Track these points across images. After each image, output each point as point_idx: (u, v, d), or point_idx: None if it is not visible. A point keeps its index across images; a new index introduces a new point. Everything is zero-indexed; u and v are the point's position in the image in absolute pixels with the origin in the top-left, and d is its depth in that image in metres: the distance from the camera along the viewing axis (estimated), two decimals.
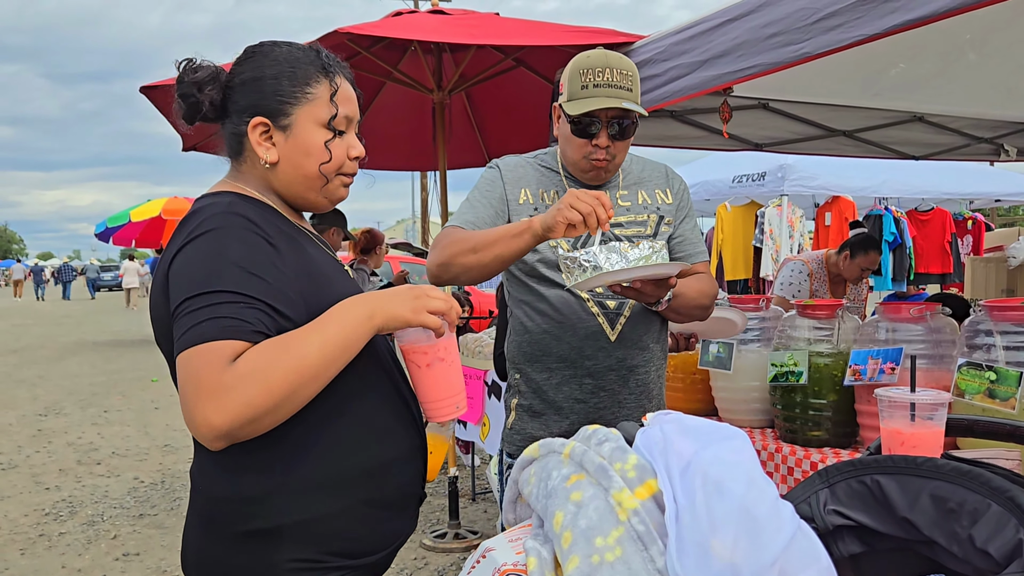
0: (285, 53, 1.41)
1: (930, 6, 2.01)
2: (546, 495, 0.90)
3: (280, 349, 1.20)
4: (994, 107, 4.84)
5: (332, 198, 1.47)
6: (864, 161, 6.24)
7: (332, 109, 1.41)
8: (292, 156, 1.40)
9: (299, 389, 1.20)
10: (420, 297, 1.32)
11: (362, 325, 1.28)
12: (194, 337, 1.17)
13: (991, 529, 1.03)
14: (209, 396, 1.14)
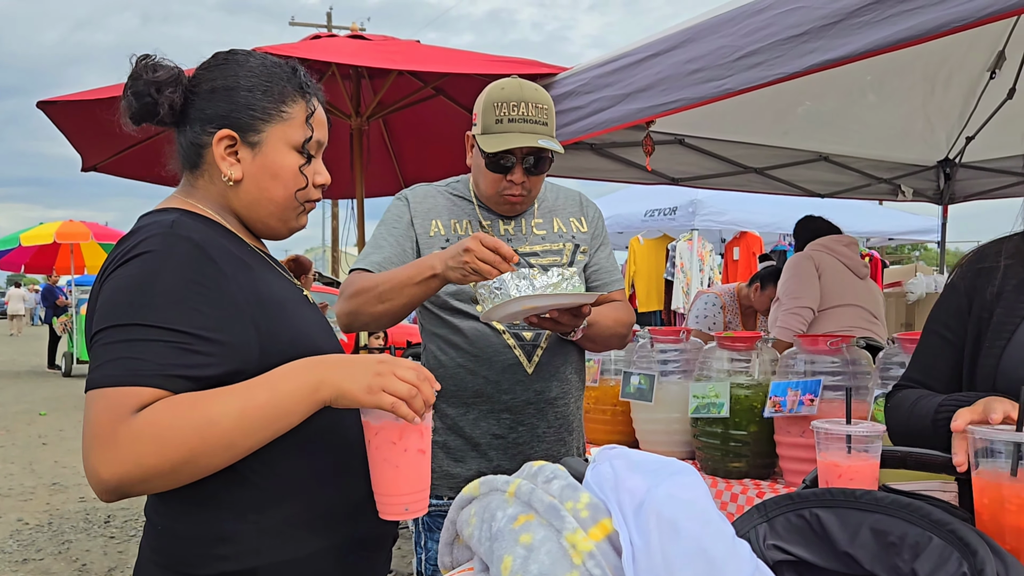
0: (261, 65, 1.32)
1: (846, 48, 2.08)
2: (491, 537, 0.84)
3: (189, 409, 1.08)
4: (891, 149, 5.09)
5: (293, 226, 1.38)
6: (770, 197, 6.45)
7: (307, 131, 1.33)
8: (258, 176, 1.30)
9: (201, 457, 1.08)
10: (383, 375, 1.15)
11: (302, 398, 1.13)
12: (101, 378, 1.08)
13: (934, 563, 1.02)
14: (101, 447, 1.05)
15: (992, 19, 1.80)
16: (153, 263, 1.15)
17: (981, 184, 5.46)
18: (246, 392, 1.12)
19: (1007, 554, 0.99)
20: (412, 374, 1.17)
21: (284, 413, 1.13)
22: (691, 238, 8.49)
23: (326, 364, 1.17)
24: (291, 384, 1.14)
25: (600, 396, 3.06)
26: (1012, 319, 1.36)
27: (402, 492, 1.20)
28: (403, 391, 1.14)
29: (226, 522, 1.19)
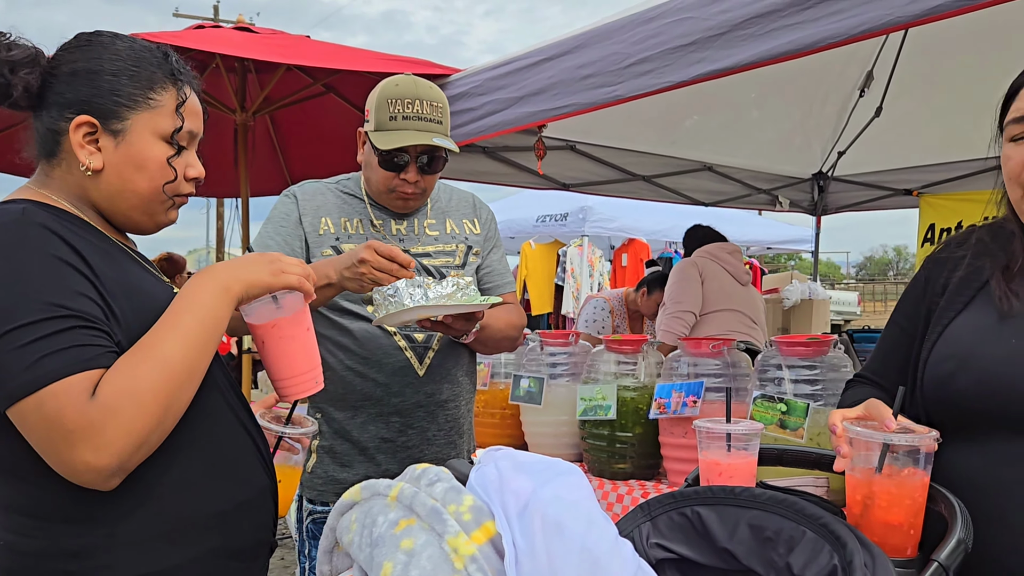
0: (128, 49, 1.23)
1: (732, 59, 2.15)
2: (371, 544, 0.81)
3: (139, 362, 1.07)
4: (771, 161, 5.32)
5: (160, 221, 1.29)
6: (657, 205, 6.63)
7: (177, 121, 1.25)
8: (121, 167, 1.22)
9: (175, 396, 1.09)
10: (275, 261, 1.22)
11: (220, 302, 1.16)
12: (35, 379, 1.01)
13: (807, 556, 1.05)
14: (81, 439, 1.01)
15: (863, 37, 1.90)
16: (16, 254, 1.06)
17: (851, 197, 5.78)
18: (172, 323, 1.12)
19: (874, 546, 1.03)
20: (297, 267, 1.24)
21: (214, 322, 1.15)
22: (581, 244, 8.64)
23: (224, 267, 1.20)
24: (204, 295, 1.15)
25: (489, 399, 3.05)
26: (948, 313, 1.34)
27: (312, 367, 1.29)
28: (299, 270, 1.22)
29: (75, 536, 1.11)
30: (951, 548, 1.06)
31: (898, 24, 1.85)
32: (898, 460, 1.17)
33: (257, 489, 1.29)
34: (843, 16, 1.91)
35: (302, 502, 2.14)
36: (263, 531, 1.30)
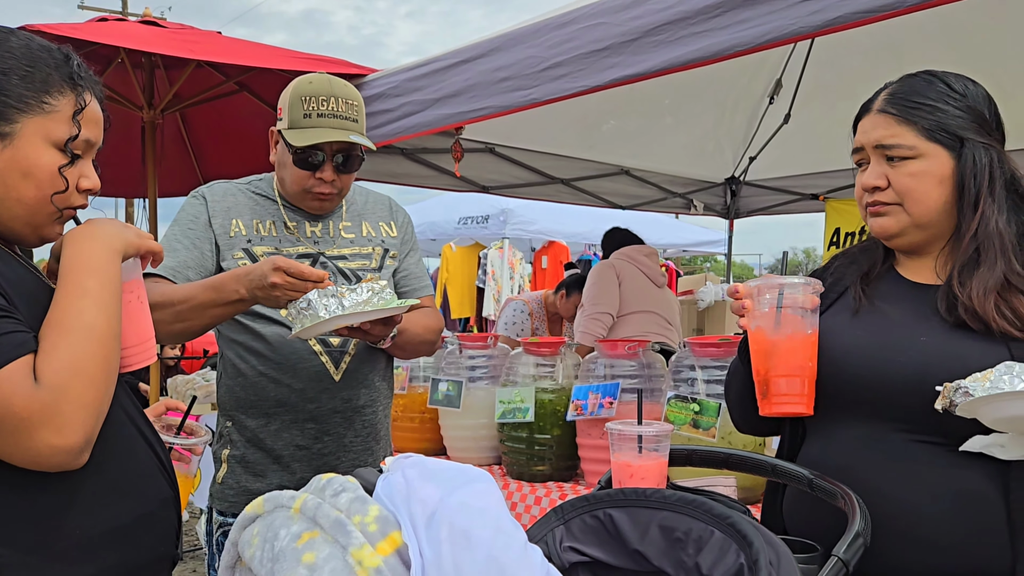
0: (23, 47, 1.15)
1: (644, 64, 2.18)
2: (272, 558, 0.78)
3: (66, 334, 1.06)
4: (686, 166, 5.44)
5: (44, 235, 1.21)
6: (576, 208, 6.70)
7: (72, 129, 1.16)
8: (5, 172, 1.13)
9: (111, 361, 1.09)
10: (128, 227, 1.23)
11: (112, 262, 1.16)
12: None
13: (715, 555, 1.07)
14: (40, 424, 0.99)
15: (769, 46, 1.96)
16: None
17: (762, 201, 5.95)
18: (80, 291, 1.11)
19: (780, 543, 1.05)
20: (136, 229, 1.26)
21: (114, 284, 1.15)
22: (502, 246, 8.66)
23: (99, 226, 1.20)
24: (98, 258, 1.15)
25: (408, 403, 3.02)
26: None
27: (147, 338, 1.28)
28: (144, 234, 1.24)
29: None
30: (850, 542, 1.10)
31: (802, 34, 1.92)
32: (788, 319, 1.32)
33: (158, 501, 1.23)
34: (750, 25, 1.96)
35: (212, 514, 2.07)
36: (165, 544, 1.24)
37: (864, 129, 1.40)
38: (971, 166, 1.31)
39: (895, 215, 1.36)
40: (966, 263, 1.32)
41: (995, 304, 1.25)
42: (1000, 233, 1.30)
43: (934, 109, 1.33)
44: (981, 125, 1.33)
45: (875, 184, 1.37)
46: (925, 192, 1.33)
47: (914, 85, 1.36)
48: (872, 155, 1.38)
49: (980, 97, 1.35)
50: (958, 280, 1.31)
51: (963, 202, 1.32)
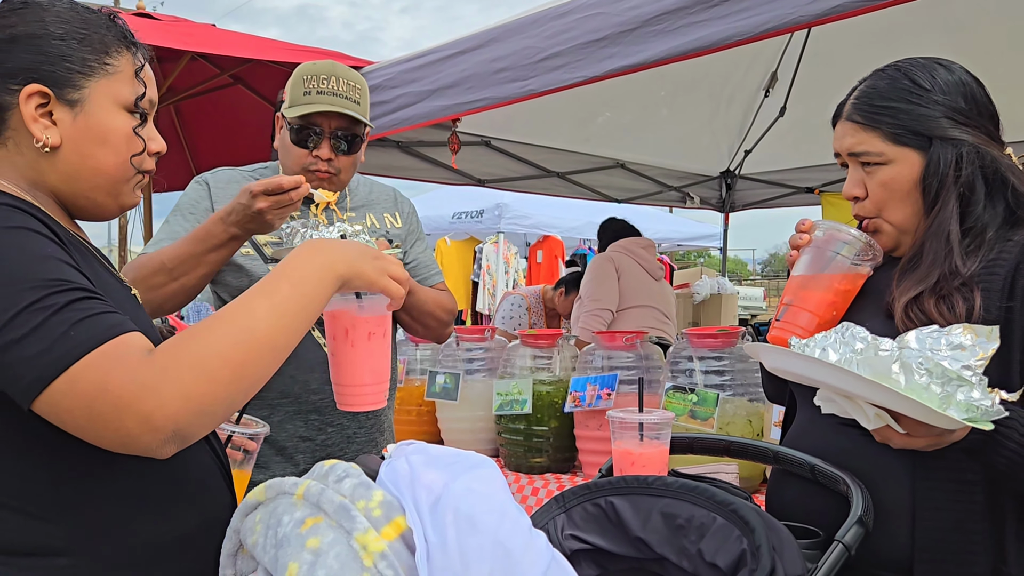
0: (71, 11, 1.10)
1: (642, 55, 2.18)
2: (276, 544, 0.78)
3: (217, 325, 0.95)
4: (681, 159, 5.44)
5: (124, 203, 1.16)
6: (571, 203, 6.69)
7: (138, 87, 1.12)
8: (81, 141, 1.08)
9: (250, 366, 0.95)
10: (379, 258, 1.12)
11: (324, 279, 1.04)
12: (72, 349, 0.88)
13: (718, 542, 1.07)
14: (132, 403, 0.88)
15: (768, 35, 1.96)
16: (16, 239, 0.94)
17: (757, 194, 5.96)
18: (266, 290, 1.01)
19: (782, 529, 1.05)
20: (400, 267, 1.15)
21: (310, 299, 1.03)
22: (497, 241, 8.64)
23: (329, 245, 1.10)
24: (308, 268, 1.05)
25: (405, 396, 3.01)
26: None
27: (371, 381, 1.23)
28: (402, 274, 1.13)
29: (34, 569, 0.99)
30: (852, 527, 1.10)
31: (800, 23, 1.91)
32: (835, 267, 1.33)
33: (221, 506, 1.18)
34: (748, 14, 1.96)
35: None
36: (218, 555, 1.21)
37: (837, 136, 1.38)
38: (933, 168, 1.28)
39: (883, 231, 1.35)
40: (909, 261, 1.31)
41: (905, 306, 1.24)
42: (947, 234, 1.27)
43: (897, 111, 1.30)
44: (954, 115, 1.28)
45: (854, 194, 1.36)
46: (900, 200, 1.31)
47: (878, 86, 1.33)
48: (849, 161, 1.37)
49: (952, 84, 1.30)
50: (897, 278, 1.30)
51: (926, 203, 1.30)
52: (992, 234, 1.27)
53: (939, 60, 1.33)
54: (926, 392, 1.03)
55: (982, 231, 1.28)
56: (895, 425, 1.10)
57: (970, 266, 1.24)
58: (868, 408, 1.09)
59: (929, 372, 1.04)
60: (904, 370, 1.04)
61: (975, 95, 1.31)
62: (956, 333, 1.07)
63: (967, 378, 1.03)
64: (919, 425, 1.08)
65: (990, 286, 1.22)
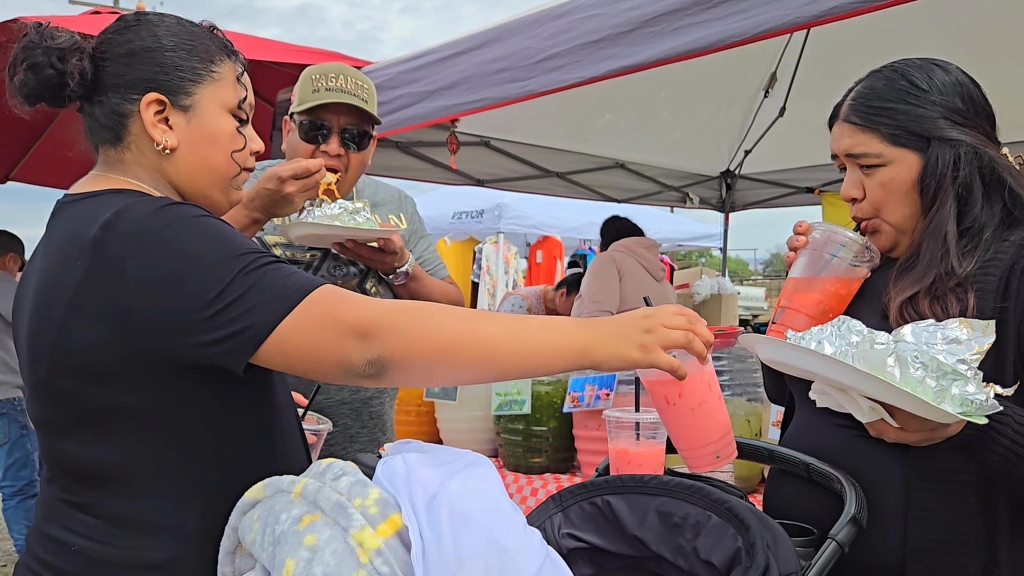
0: (178, 24, 1.22)
1: (640, 55, 2.18)
2: (273, 541, 0.78)
3: (452, 309, 1.05)
4: (681, 159, 5.45)
5: (233, 199, 1.27)
6: (571, 202, 6.69)
7: (241, 91, 1.24)
8: (196, 143, 1.19)
9: (461, 353, 1.02)
10: (654, 330, 1.07)
11: (571, 346, 1.06)
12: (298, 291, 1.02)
13: (713, 540, 1.08)
14: (359, 324, 1.00)
15: (766, 36, 1.96)
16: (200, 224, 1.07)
17: (757, 194, 5.96)
18: (516, 317, 1.09)
19: (776, 527, 1.06)
20: (681, 319, 1.10)
21: (550, 351, 1.06)
22: (497, 241, 8.64)
23: (598, 324, 1.10)
24: (564, 329, 1.08)
25: (404, 396, 3.01)
26: None
27: (706, 442, 1.18)
28: (680, 340, 1.07)
29: (157, 548, 1.05)
30: (846, 525, 1.10)
31: (798, 24, 1.92)
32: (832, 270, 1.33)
33: None
34: (747, 15, 1.96)
35: None
36: None
37: (834, 137, 1.38)
38: (931, 169, 1.28)
39: (882, 231, 1.35)
40: (906, 261, 1.31)
41: (900, 306, 1.25)
42: (944, 234, 1.27)
43: (895, 112, 1.29)
44: (951, 116, 1.28)
45: (852, 195, 1.36)
46: (898, 200, 1.31)
47: (875, 87, 1.33)
48: (846, 162, 1.37)
49: (949, 85, 1.30)
50: (894, 278, 1.30)
51: (924, 204, 1.30)
52: (989, 234, 1.27)
53: (935, 61, 1.33)
54: (921, 386, 1.03)
55: (979, 231, 1.28)
56: (889, 419, 1.10)
57: (966, 266, 1.24)
58: (863, 401, 1.09)
59: (924, 366, 1.03)
60: (899, 363, 1.04)
61: (972, 95, 1.31)
62: (952, 327, 1.07)
63: (962, 372, 1.03)
64: (913, 419, 1.08)
65: (985, 286, 1.22)
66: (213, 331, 1.00)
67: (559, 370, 1.08)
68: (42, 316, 1.08)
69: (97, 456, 1.07)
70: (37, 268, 1.14)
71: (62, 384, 1.06)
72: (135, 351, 1.02)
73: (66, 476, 1.11)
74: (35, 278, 1.13)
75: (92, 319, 1.03)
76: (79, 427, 1.07)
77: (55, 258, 1.09)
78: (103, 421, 1.06)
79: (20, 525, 4.33)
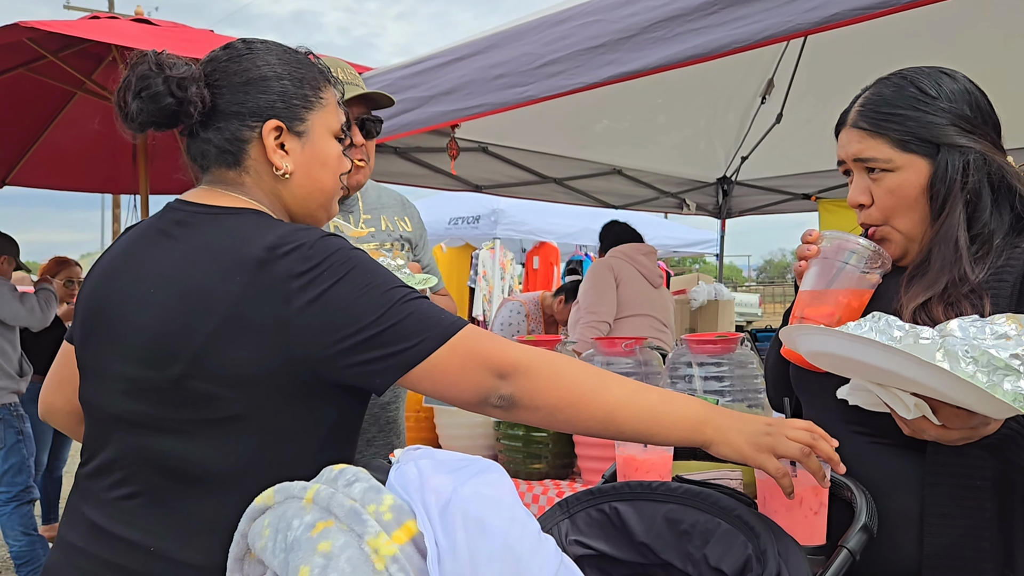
0: (284, 52, 1.27)
1: (640, 61, 2.19)
2: (286, 548, 0.78)
3: (590, 365, 1.16)
4: (678, 165, 5.46)
5: (332, 214, 1.34)
6: (567, 209, 6.69)
7: (342, 116, 1.31)
8: (309, 167, 1.26)
9: (582, 407, 1.11)
10: (774, 435, 1.11)
11: (688, 422, 1.13)
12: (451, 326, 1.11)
13: (723, 547, 1.08)
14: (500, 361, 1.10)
15: (766, 43, 1.96)
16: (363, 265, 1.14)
17: (754, 200, 5.97)
18: (641, 385, 1.16)
19: (786, 535, 1.06)
20: (805, 434, 1.12)
21: (667, 422, 1.13)
22: (493, 247, 8.64)
23: (723, 411, 1.17)
24: (684, 404, 1.15)
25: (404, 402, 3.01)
26: None
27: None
28: (794, 452, 1.09)
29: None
30: (857, 533, 1.10)
31: (798, 31, 1.92)
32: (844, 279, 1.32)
33: None
34: (747, 22, 1.97)
35: None
36: None
37: (842, 143, 1.38)
38: (941, 175, 1.28)
39: (891, 239, 1.35)
40: (917, 268, 1.31)
41: (913, 313, 1.24)
42: (955, 240, 1.27)
43: (905, 118, 1.30)
44: (960, 123, 1.29)
45: (860, 201, 1.35)
46: (908, 207, 1.31)
47: (884, 93, 1.33)
48: (854, 168, 1.36)
49: (957, 93, 1.31)
50: (905, 285, 1.30)
51: (933, 210, 1.30)
52: (1000, 241, 1.27)
53: (943, 69, 1.34)
54: (972, 380, 1.00)
55: (989, 238, 1.28)
56: (932, 416, 1.08)
57: (978, 273, 1.24)
58: (908, 398, 1.07)
59: (975, 360, 1.01)
60: (949, 357, 1.01)
61: (979, 103, 1.32)
62: (999, 323, 1.04)
63: (1016, 367, 1.00)
64: (957, 416, 1.07)
65: (999, 292, 1.22)
66: (370, 351, 1.08)
67: (671, 443, 1.15)
68: (184, 320, 1.10)
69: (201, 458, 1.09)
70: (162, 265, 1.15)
71: (197, 386, 1.09)
72: (283, 364, 1.08)
73: (157, 475, 1.11)
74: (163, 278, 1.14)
75: (250, 331, 1.08)
76: (197, 428, 1.09)
77: (205, 268, 1.12)
78: (220, 424, 1.09)
79: (15, 531, 4.29)
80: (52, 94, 4.28)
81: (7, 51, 3.38)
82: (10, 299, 4.33)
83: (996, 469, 1.18)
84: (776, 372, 1.54)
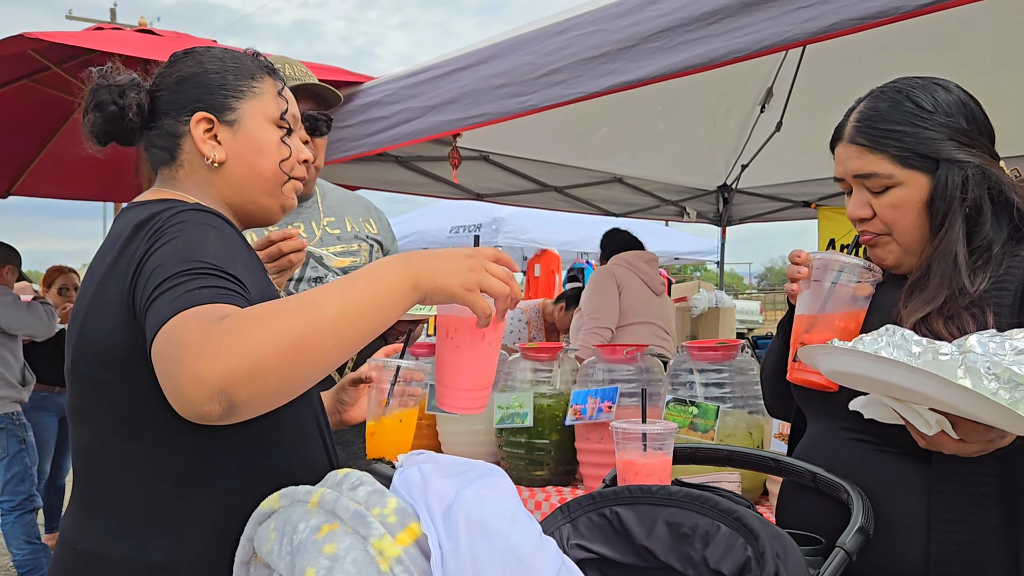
0: (223, 51, 1.33)
1: (641, 71, 2.21)
2: (291, 551, 0.79)
3: (289, 304, 0.99)
4: (678, 173, 5.48)
5: (285, 205, 1.34)
6: (568, 217, 6.71)
7: (282, 104, 1.33)
8: (243, 154, 1.28)
9: (309, 344, 0.96)
10: (477, 270, 1.09)
11: (402, 288, 1.05)
12: (177, 306, 0.98)
13: (722, 550, 1.09)
14: (198, 347, 0.92)
15: (765, 52, 1.98)
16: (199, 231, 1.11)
17: (754, 208, 5.99)
18: (344, 283, 1.04)
19: (786, 537, 1.07)
20: (503, 269, 1.12)
21: (386, 301, 1.04)
22: None
23: (418, 258, 1.10)
24: (388, 275, 1.06)
25: None
26: None
27: (472, 387, 1.18)
28: (500, 289, 1.10)
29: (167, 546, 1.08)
30: (853, 534, 1.11)
31: (797, 41, 1.94)
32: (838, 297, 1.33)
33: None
34: (747, 31, 1.99)
35: None
36: None
37: (839, 159, 1.38)
38: (941, 191, 1.28)
39: (887, 246, 1.35)
40: (916, 282, 1.32)
41: (913, 327, 1.24)
42: (955, 256, 1.27)
43: (903, 134, 1.30)
44: (958, 137, 1.29)
45: (860, 215, 1.36)
46: (910, 222, 1.32)
47: (880, 108, 1.33)
48: (853, 184, 1.37)
49: (953, 106, 1.31)
50: (904, 298, 1.31)
51: (933, 225, 1.31)
52: (998, 249, 1.28)
53: (936, 80, 1.34)
54: (995, 398, 1.00)
55: (988, 247, 1.29)
56: (951, 431, 1.08)
57: (978, 284, 1.25)
58: (928, 414, 1.07)
59: (997, 377, 1.01)
60: (970, 374, 1.01)
61: (975, 115, 1.32)
62: (1018, 338, 1.06)
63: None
64: (975, 431, 1.07)
65: (1001, 302, 1.23)
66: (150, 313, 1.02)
67: (399, 316, 1.06)
68: (75, 307, 1.17)
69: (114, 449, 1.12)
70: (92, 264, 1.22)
71: (83, 371, 1.14)
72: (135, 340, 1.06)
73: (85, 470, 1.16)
74: (88, 274, 1.21)
75: (107, 307, 1.11)
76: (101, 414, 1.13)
77: (98, 257, 1.18)
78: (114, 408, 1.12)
79: (18, 540, 4.30)
80: (56, 105, 4.31)
81: (11, 62, 3.40)
82: (14, 307, 4.36)
83: (1002, 476, 1.19)
84: (773, 381, 1.54)
